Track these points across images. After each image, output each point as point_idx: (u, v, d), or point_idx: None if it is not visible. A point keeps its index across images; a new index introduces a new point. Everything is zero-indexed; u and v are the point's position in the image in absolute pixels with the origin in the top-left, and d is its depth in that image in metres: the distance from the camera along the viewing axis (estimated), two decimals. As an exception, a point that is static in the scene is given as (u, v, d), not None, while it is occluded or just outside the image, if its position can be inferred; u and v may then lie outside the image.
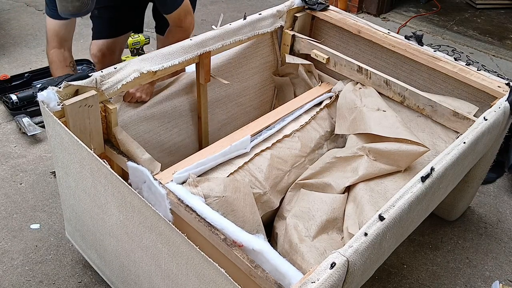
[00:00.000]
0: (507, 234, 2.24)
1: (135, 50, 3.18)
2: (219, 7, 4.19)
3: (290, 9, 2.24)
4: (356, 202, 1.76)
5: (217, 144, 1.82)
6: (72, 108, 1.52)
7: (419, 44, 2.07)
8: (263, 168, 1.80)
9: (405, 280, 2.00)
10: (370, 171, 1.84)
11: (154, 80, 1.87)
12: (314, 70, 2.31)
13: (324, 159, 1.97)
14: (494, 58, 3.77)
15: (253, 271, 1.31)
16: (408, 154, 1.81)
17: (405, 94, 2.03)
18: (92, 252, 1.76)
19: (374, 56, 2.21)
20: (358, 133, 1.99)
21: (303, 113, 2.08)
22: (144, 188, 1.53)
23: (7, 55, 3.30)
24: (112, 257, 1.61)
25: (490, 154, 2.00)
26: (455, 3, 4.66)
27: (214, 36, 1.94)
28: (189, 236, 1.17)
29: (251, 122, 2.00)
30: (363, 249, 1.20)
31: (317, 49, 2.24)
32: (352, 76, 2.18)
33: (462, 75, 1.93)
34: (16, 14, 3.83)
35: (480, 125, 1.65)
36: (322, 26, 2.35)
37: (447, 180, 1.58)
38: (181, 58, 1.83)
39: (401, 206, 1.32)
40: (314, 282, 1.09)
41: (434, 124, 1.99)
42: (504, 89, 1.85)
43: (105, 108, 1.64)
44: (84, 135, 1.59)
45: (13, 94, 2.75)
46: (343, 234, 1.70)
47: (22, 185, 2.30)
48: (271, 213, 1.87)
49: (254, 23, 2.10)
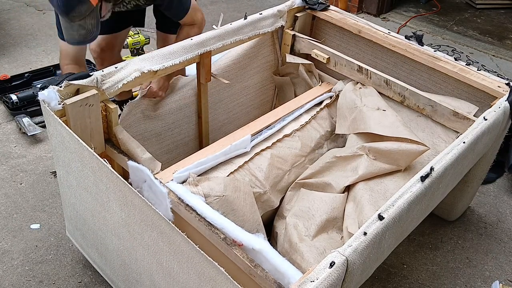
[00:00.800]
0: (507, 234, 2.25)
1: (135, 50, 3.18)
2: (219, 7, 4.20)
3: (290, 9, 2.24)
4: (356, 201, 1.76)
5: (217, 144, 1.83)
6: (72, 107, 1.52)
7: (419, 44, 2.07)
8: (263, 168, 1.80)
9: (405, 280, 2.00)
10: (370, 171, 1.84)
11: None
12: (314, 70, 2.31)
13: (324, 158, 1.97)
14: (494, 58, 3.77)
15: (252, 270, 1.31)
16: (408, 153, 1.81)
17: (405, 94, 2.04)
18: (92, 251, 1.77)
19: (374, 56, 2.22)
20: (358, 132, 1.99)
21: (304, 113, 2.09)
22: (145, 187, 1.54)
23: (7, 55, 3.30)
24: (114, 256, 1.61)
25: (490, 154, 2.00)
26: (455, 3, 4.67)
27: (215, 36, 1.94)
28: (189, 235, 1.18)
29: (252, 122, 2.00)
30: (362, 248, 1.20)
31: (317, 49, 2.25)
32: (352, 76, 2.18)
33: (462, 75, 1.93)
34: (16, 14, 3.83)
35: (480, 125, 1.65)
36: (323, 26, 2.35)
37: (447, 180, 1.58)
38: (182, 57, 1.84)
39: (400, 206, 1.32)
40: (313, 281, 1.10)
41: (434, 124, 2.00)
42: (504, 89, 1.85)
43: (106, 107, 1.64)
44: (84, 134, 1.59)
45: (13, 94, 2.75)
46: (343, 234, 1.70)
47: (22, 185, 2.31)
48: (271, 212, 1.87)
49: (255, 23, 2.10)
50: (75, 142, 1.39)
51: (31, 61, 3.25)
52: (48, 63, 3.19)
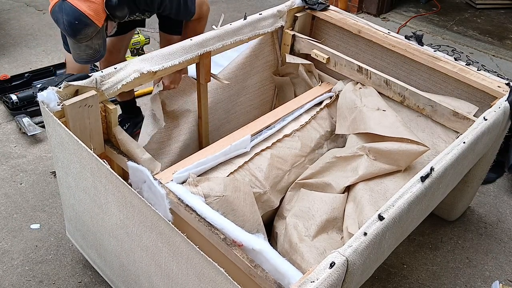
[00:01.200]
0: (507, 234, 2.24)
1: (135, 50, 3.18)
2: (219, 7, 4.20)
3: (290, 9, 2.24)
4: (356, 201, 1.76)
5: (217, 144, 1.83)
6: (72, 108, 1.52)
7: (419, 44, 2.07)
8: (263, 168, 1.80)
9: (405, 280, 2.00)
10: (370, 171, 1.84)
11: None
12: (314, 70, 2.31)
13: (324, 158, 1.97)
14: (494, 58, 3.77)
15: (252, 271, 1.31)
16: (408, 153, 1.81)
17: (405, 94, 2.03)
18: (92, 252, 1.76)
19: (374, 56, 2.22)
20: (358, 132, 1.99)
21: (303, 113, 2.09)
22: (144, 188, 1.53)
23: (7, 55, 3.30)
24: (112, 257, 1.61)
25: (490, 154, 2.00)
26: (455, 3, 4.67)
27: (214, 36, 1.94)
28: (189, 236, 1.17)
29: (251, 122, 2.00)
30: (362, 248, 1.20)
31: (317, 49, 2.24)
32: (352, 76, 2.18)
33: (462, 75, 1.93)
34: (16, 14, 3.84)
35: (480, 125, 1.65)
36: (322, 26, 2.35)
37: (447, 180, 1.58)
38: (182, 58, 1.83)
39: (400, 206, 1.32)
40: (314, 281, 1.10)
41: (434, 124, 1.99)
42: (504, 89, 1.85)
43: (105, 108, 1.64)
44: (84, 135, 1.59)
45: (13, 94, 2.75)
46: (343, 234, 1.70)
47: (22, 185, 2.31)
48: (271, 212, 1.87)
49: (255, 23, 2.10)
50: (74, 143, 1.39)
51: (31, 61, 3.26)
52: (48, 63, 3.19)
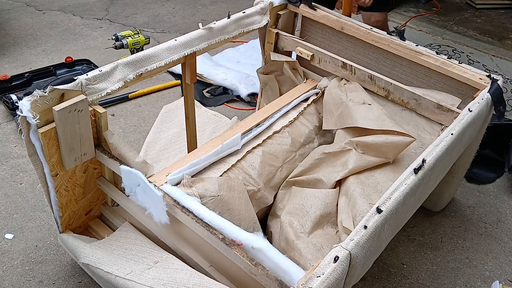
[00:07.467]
0: (507, 234, 2.24)
1: (135, 50, 3.12)
2: (219, 7, 4.19)
3: (273, 7, 2.24)
4: (348, 195, 1.78)
5: (208, 144, 1.82)
6: (61, 113, 1.48)
7: (401, 39, 2.10)
8: (256, 165, 1.80)
9: (405, 280, 1.99)
10: (360, 164, 1.86)
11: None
12: (299, 67, 2.32)
13: (312, 155, 1.98)
14: (494, 58, 3.77)
15: (253, 269, 1.31)
16: (395, 145, 1.84)
17: (389, 88, 2.07)
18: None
19: (357, 52, 2.24)
20: (345, 127, 2.01)
21: (291, 109, 2.10)
22: (139, 191, 1.52)
23: (7, 55, 3.27)
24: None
25: (474, 145, 2.05)
26: (455, 3, 4.68)
27: (199, 36, 1.93)
28: (187, 238, 1.17)
29: (241, 121, 2.00)
30: (363, 241, 1.22)
31: (301, 46, 2.26)
32: (336, 72, 2.20)
33: (444, 68, 1.97)
34: (16, 14, 3.81)
35: (465, 117, 1.69)
36: (306, 23, 2.36)
37: (437, 171, 1.61)
38: (167, 59, 1.81)
39: (396, 198, 1.35)
40: (319, 276, 1.11)
41: (418, 117, 2.03)
42: (486, 81, 1.90)
43: (95, 112, 1.61)
44: (74, 141, 1.56)
45: (13, 94, 2.72)
46: (337, 228, 1.72)
47: (22, 185, 2.28)
48: (264, 210, 1.88)
49: (239, 21, 2.10)
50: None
51: (31, 61, 3.23)
52: (48, 63, 3.18)
